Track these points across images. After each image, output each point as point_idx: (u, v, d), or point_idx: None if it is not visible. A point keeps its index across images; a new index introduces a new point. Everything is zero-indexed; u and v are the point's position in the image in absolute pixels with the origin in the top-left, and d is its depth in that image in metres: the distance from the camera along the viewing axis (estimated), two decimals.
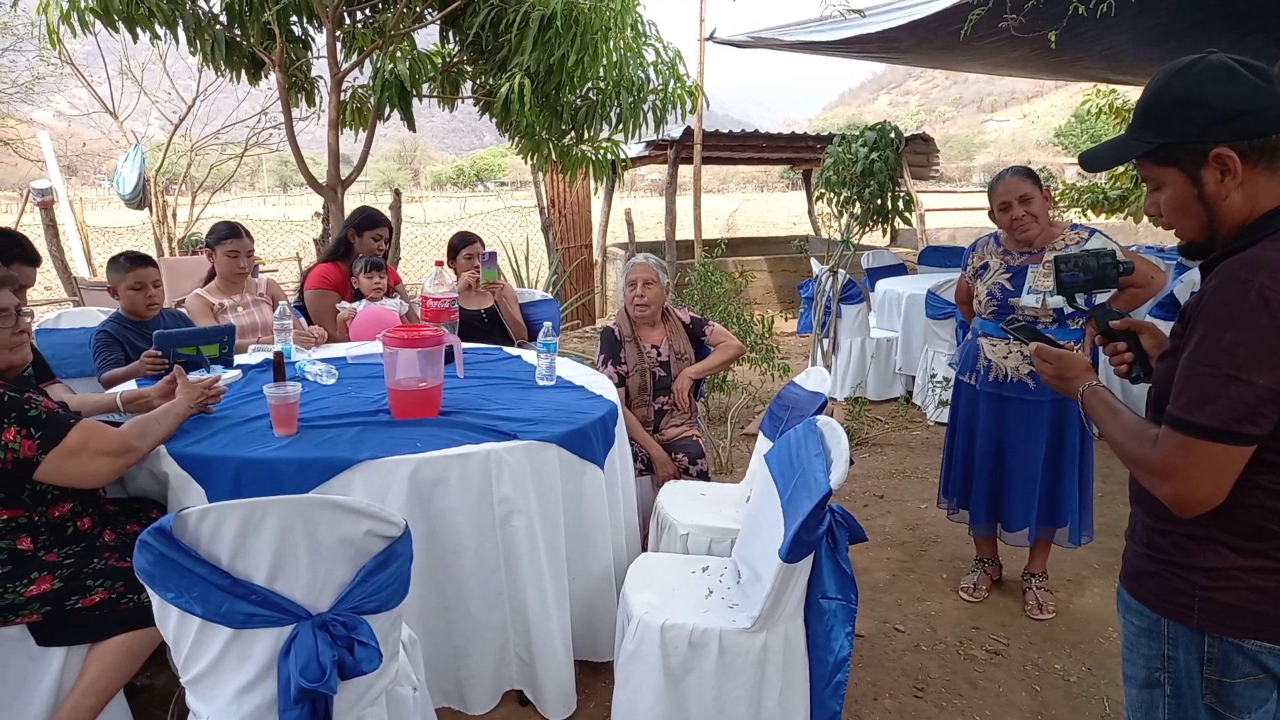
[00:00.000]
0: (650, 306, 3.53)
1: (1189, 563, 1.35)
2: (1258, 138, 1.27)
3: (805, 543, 2.05)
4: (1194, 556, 1.34)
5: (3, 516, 2.01)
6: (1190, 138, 1.31)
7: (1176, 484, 1.28)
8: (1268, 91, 1.27)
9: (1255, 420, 1.21)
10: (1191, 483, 1.26)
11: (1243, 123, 1.27)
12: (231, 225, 3.91)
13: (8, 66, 11.83)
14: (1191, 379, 1.25)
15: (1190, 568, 1.35)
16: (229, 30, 5.27)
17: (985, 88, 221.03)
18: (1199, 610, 1.33)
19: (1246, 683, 1.31)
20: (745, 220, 18.13)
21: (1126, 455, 1.39)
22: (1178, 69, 1.33)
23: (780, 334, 6.41)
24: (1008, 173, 3.03)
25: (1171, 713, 1.40)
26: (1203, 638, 1.33)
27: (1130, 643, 1.47)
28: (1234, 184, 1.30)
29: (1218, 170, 1.30)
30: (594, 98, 5.59)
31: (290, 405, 2.34)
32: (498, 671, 2.48)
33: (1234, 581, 1.30)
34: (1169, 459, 1.28)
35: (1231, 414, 1.21)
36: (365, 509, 1.67)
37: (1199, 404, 1.24)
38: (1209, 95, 1.29)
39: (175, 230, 9.16)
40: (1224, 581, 1.31)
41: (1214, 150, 1.29)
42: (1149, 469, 1.32)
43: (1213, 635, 1.32)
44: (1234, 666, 1.31)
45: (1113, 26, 5.66)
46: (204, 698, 1.75)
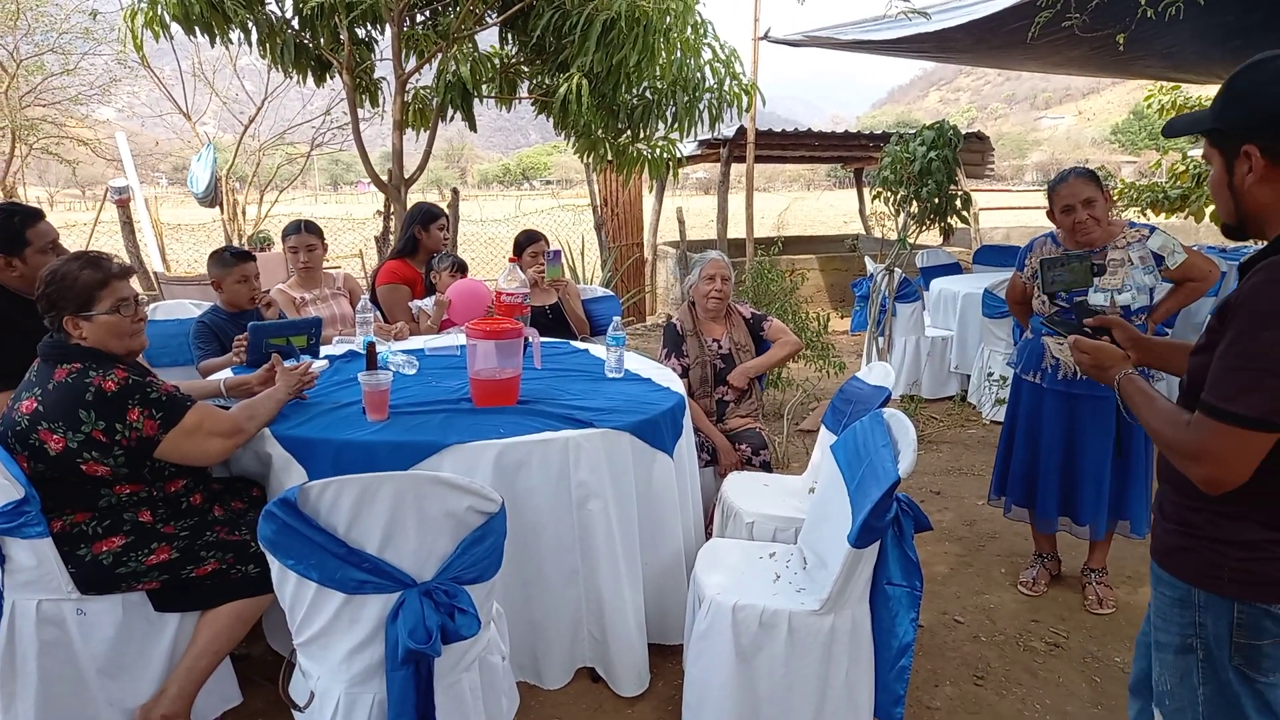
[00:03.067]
0: (725, 300, 3.65)
1: (1220, 536, 1.44)
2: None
3: (874, 529, 2.14)
4: (1225, 531, 1.44)
5: (126, 491, 2.18)
6: (1232, 128, 1.41)
7: (1210, 467, 1.37)
8: None
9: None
10: (1224, 465, 1.36)
11: (1276, 129, 1.35)
12: (295, 223, 4.07)
13: (86, 69, 12.36)
14: (1229, 370, 1.34)
15: (1221, 541, 1.44)
16: (299, 34, 5.48)
17: (1039, 84, 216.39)
18: (1229, 579, 1.43)
19: (1274, 644, 1.41)
20: (794, 219, 18.10)
21: (1161, 439, 1.49)
22: (1260, 61, 1.39)
23: (833, 332, 6.46)
24: (1070, 174, 3.05)
25: (1204, 676, 1.48)
26: (1233, 605, 1.43)
27: (1163, 612, 1.56)
28: (1255, 180, 1.39)
29: (1245, 164, 1.39)
30: (650, 97, 5.70)
31: (383, 392, 2.49)
32: (572, 648, 2.60)
33: (1264, 553, 1.40)
34: (1204, 443, 1.37)
35: (1266, 406, 1.30)
36: (468, 486, 1.79)
37: (1236, 394, 1.32)
38: (1261, 93, 1.37)
39: (245, 227, 9.49)
40: (1255, 553, 1.41)
41: (1244, 145, 1.38)
42: (1184, 452, 1.42)
43: (1243, 602, 1.42)
44: (1263, 630, 1.41)
45: (1175, 25, 5.60)
46: (316, 659, 1.90)
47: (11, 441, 2.08)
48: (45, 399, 2.07)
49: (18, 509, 2.03)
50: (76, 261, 2.19)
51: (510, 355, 2.73)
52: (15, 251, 2.63)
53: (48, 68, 11.99)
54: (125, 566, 2.14)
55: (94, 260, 2.22)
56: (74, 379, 2.09)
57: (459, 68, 5.35)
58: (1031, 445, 3.26)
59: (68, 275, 2.14)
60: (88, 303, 2.15)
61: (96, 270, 2.18)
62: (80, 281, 2.15)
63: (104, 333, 2.17)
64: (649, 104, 5.70)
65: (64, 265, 2.17)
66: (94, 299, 2.16)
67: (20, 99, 11.56)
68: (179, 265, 10.52)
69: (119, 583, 2.13)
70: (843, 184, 46.28)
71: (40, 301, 2.15)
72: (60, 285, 2.13)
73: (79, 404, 2.06)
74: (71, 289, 2.14)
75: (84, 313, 2.15)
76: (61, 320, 2.14)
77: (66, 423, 2.06)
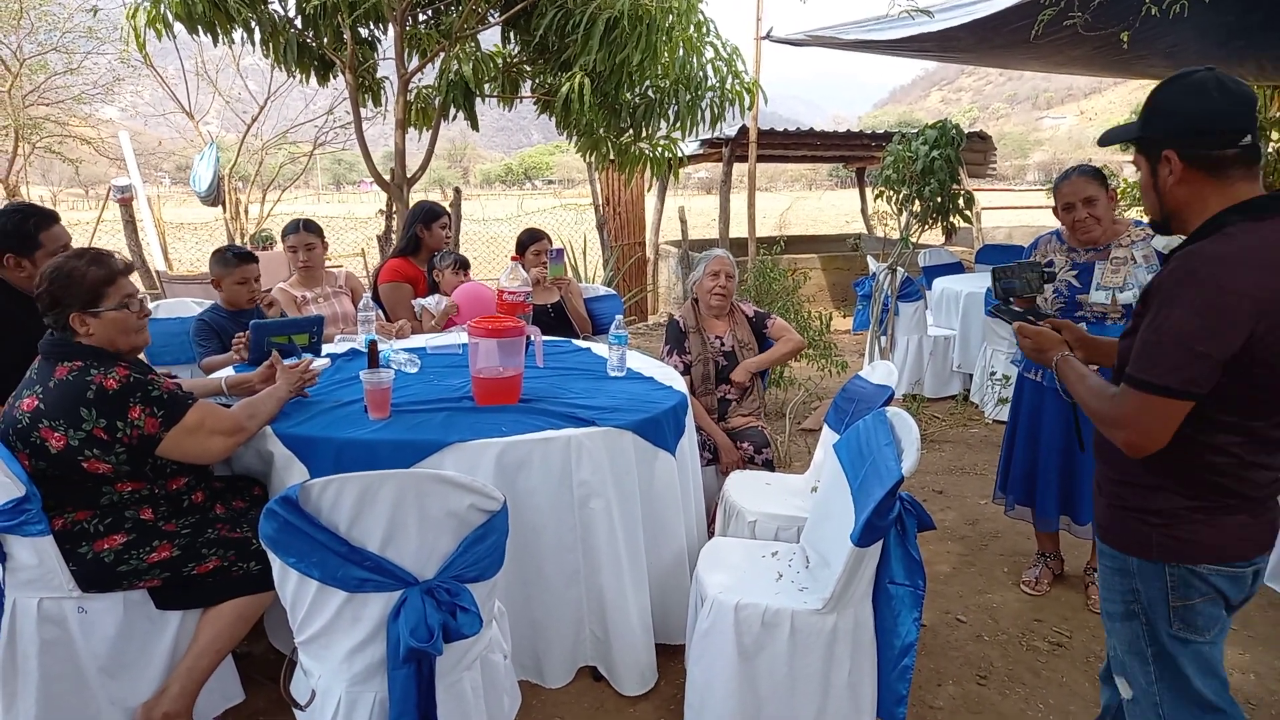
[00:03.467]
0: (729, 297, 3.65)
1: (1145, 507, 1.63)
2: (1198, 150, 1.54)
3: (877, 528, 2.13)
4: (1149, 501, 1.62)
5: (128, 488, 2.18)
6: (1154, 136, 1.60)
7: (1130, 432, 1.55)
8: (1227, 114, 1.51)
9: (1197, 381, 1.47)
10: (1142, 431, 1.54)
11: (1193, 136, 1.54)
12: (294, 222, 4.06)
13: (90, 68, 12.38)
14: (1147, 345, 1.52)
15: (1147, 510, 1.62)
16: (302, 34, 5.47)
17: (1041, 84, 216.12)
18: (1156, 546, 1.61)
19: (1204, 602, 1.59)
20: (795, 218, 18.09)
21: (1091, 410, 1.66)
22: (1175, 77, 1.58)
23: (835, 332, 6.45)
24: (1073, 172, 3.04)
25: (1149, 641, 1.65)
26: (1163, 569, 1.61)
27: (1107, 582, 1.74)
28: (1174, 181, 1.57)
29: (1165, 168, 1.58)
30: (653, 96, 5.69)
31: (384, 390, 2.49)
32: (573, 647, 2.60)
33: (1184, 520, 1.58)
34: (1125, 411, 1.55)
35: (1178, 375, 1.47)
36: (470, 484, 1.79)
37: (1151, 366, 1.50)
38: (1177, 106, 1.57)
39: (247, 226, 9.49)
40: (1176, 520, 1.59)
41: (1165, 151, 1.57)
42: (1109, 420, 1.60)
43: (1171, 565, 1.60)
44: (1192, 589, 1.59)
45: (1178, 24, 5.58)
46: (317, 658, 1.89)
47: (12, 439, 2.08)
48: (46, 397, 2.07)
49: (19, 507, 2.02)
50: (81, 258, 2.18)
51: (512, 354, 2.73)
52: (27, 252, 2.63)
53: (51, 67, 12.01)
54: (126, 564, 2.13)
55: (99, 257, 2.22)
56: (75, 377, 2.08)
57: (461, 67, 5.35)
58: (1032, 443, 3.26)
59: (74, 272, 2.14)
60: (95, 299, 2.15)
61: (103, 267, 2.18)
62: (88, 278, 2.14)
63: (111, 329, 2.17)
64: (651, 103, 5.69)
65: (68, 262, 2.16)
66: (101, 295, 2.16)
67: (24, 98, 11.57)
68: (181, 264, 10.54)
69: (120, 580, 2.13)
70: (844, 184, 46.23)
71: (42, 298, 2.13)
72: (67, 282, 2.12)
73: (80, 402, 2.06)
74: (79, 285, 2.13)
75: (91, 309, 2.14)
76: (67, 317, 2.13)
77: (68, 420, 2.05)
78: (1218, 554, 1.57)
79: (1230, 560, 1.58)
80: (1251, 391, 1.50)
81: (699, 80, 5.59)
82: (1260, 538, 1.60)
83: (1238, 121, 1.52)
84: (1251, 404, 1.51)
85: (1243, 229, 1.50)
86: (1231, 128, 1.52)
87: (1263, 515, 1.60)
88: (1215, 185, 1.55)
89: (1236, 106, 1.52)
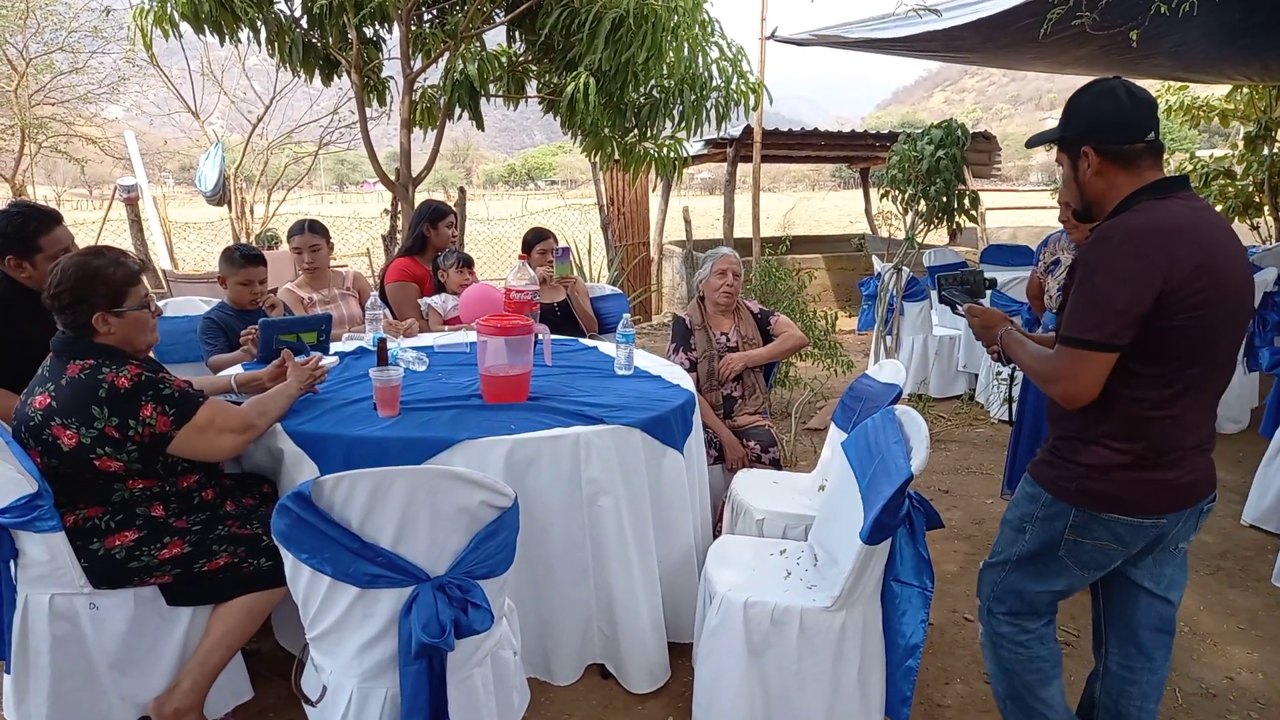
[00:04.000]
0: (735, 295, 3.67)
1: (1076, 459, 1.86)
2: (1111, 145, 1.79)
3: (886, 525, 2.13)
4: (1081, 455, 1.85)
5: (139, 485, 2.19)
6: (1074, 135, 1.85)
7: (1064, 384, 1.77)
8: (1131, 114, 1.78)
9: (1118, 334, 1.69)
10: (1075, 382, 1.75)
11: (1102, 133, 1.80)
12: (299, 222, 4.05)
13: (95, 68, 12.40)
14: (1074, 307, 1.75)
15: (1076, 462, 1.86)
16: (307, 33, 5.48)
17: (1044, 85, 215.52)
18: (1075, 491, 1.86)
19: (1093, 544, 1.88)
20: (799, 219, 18.06)
21: (1031, 371, 1.92)
22: (1089, 85, 1.85)
23: (840, 331, 6.45)
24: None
25: (1024, 549, 1.98)
26: (1071, 510, 1.88)
27: (1016, 501, 2.03)
28: (1092, 173, 1.83)
29: (1085, 162, 1.83)
30: (658, 95, 5.69)
31: (394, 388, 2.49)
32: (581, 645, 2.60)
33: (1106, 476, 1.82)
34: (1060, 367, 1.78)
35: (1101, 330, 1.70)
36: (481, 480, 1.79)
37: (1079, 324, 1.73)
38: (1089, 110, 1.83)
39: (253, 226, 9.50)
40: (1098, 475, 1.83)
41: (1084, 147, 1.82)
42: (1046, 376, 1.83)
43: (1080, 509, 1.86)
44: (1090, 532, 1.87)
45: (1185, 22, 5.58)
46: (328, 654, 1.90)
47: (24, 436, 2.09)
48: (59, 395, 2.08)
49: (31, 503, 2.03)
50: (101, 258, 2.18)
51: (521, 352, 2.73)
52: (27, 255, 2.64)
53: (56, 66, 12.03)
54: (138, 561, 2.14)
55: (120, 257, 2.23)
56: (87, 375, 2.09)
57: (466, 66, 5.35)
58: (1037, 441, 3.26)
59: (100, 271, 2.14)
60: (119, 299, 2.16)
61: (125, 267, 2.20)
62: (114, 277, 2.15)
63: (130, 329, 2.19)
64: (656, 103, 5.69)
65: (89, 261, 2.16)
66: (124, 295, 2.17)
67: (30, 97, 11.59)
68: (186, 264, 10.55)
69: (131, 577, 2.14)
70: (848, 184, 46.19)
71: (61, 296, 2.12)
72: (92, 281, 2.13)
73: (92, 400, 2.06)
74: (105, 285, 2.14)
75: (115, 309, 2.15)
76: (89, 316, 2.13)
77: (79, 419, 2.06)
78: (1123, 506, 1.82)
79: (1134, 513, 1.82)
80: (1162, 345, 1.72)
81: (704, 80, 5.59)
82: (1171, 498, 1.83)
83: (1144, 121, 1.78)
84: (1163, 356, 1.73)
85: (1149, 205, 1.75)
86: (1139, 126, 1.78)
87: (1185, 475, 1.82)
88: (1127, 175, 1.80)
89: (1141, 109, 1.79)
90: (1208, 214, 1.78)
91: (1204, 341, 1.73)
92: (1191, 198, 1.79)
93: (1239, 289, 1.77)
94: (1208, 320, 1.71)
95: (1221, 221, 1.80)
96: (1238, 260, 1.76)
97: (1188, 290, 1.67)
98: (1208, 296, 1.69)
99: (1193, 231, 1.70)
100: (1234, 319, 1.77)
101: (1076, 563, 1.92)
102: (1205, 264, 1.68)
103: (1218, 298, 1.70)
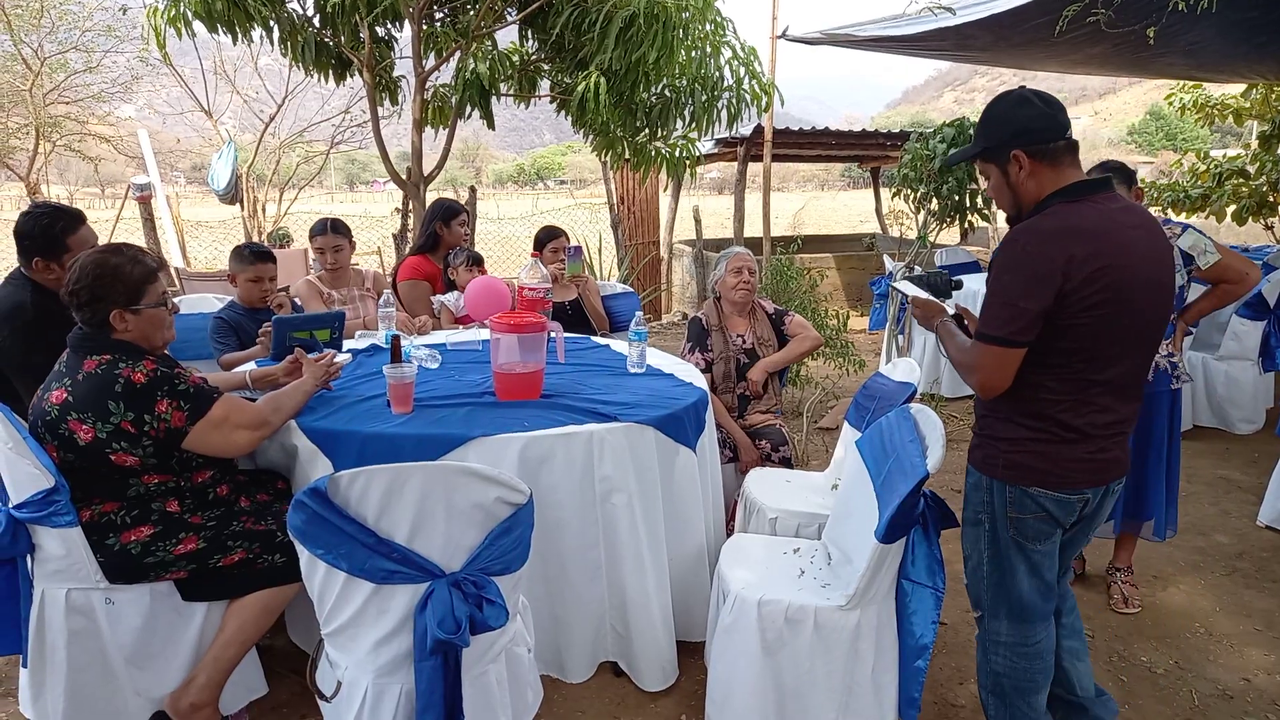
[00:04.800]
0: (752, 292, 3.67)
1: (996, 435, 2.00)
2: (1038, 145, 1.88)
3: (901, 524, 2.13)
4: (999, 431, 1.99)
5: (154, 481, 2.19)
6: (999, 144, 1.93)
7: (979, 375, 1.92)
8: (1047, 115, 1.89)
9: (1023, 331, 1.81)
10: (986, 374, 1.90)
11: (1029, 135, 1.89)
12: (321, 222, 4.05)
13: (109, 67, 12.47)
14: (987, 305, 1.88)
15: (997, 438, 2.00)
16: (320, 32, 5.50)
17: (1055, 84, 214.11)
18: (1002, 467, 1.99)
19: (1033, 519, 1.98)
20: (809, 218, 18.04)
21: (955, 362, 2.05)
22: (998, 98, 1.99)
23: (851, 330, 6.42)
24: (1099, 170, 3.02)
25: (988, 541, 2.07)
26: (1005, 487, 1.99)
27: (967, 495, 2.14)
28: (1025, 175, 1.91)
29: (1016, 166, 1.91)
30: (669, 95, 5.68)
31: (407, 385, 2.49)
32: (594, 643, 2.60)
33: (1022, 448, 1.95)
34: (974, 359, 1.92)
35: (1007, 327, 1.83)
36: (497, 477, 1.79)
37: (988, 321, 1.87)
38: (1009, 117, 1.93)
39: (264, 224, 9.54)
40: (1016, 448, 1.96)
41: (1013, 152, 1.91)
42: (964, 367, 1.98)
43: (1011, 485, 1.98)
44: (1025, 507, 1.97)
45: (1201, 21, 5.54)
46: (344, 649, 1.90)
47: (41, 431, 2.10)
48: (75, 390, 2.09)
49: (47, 498, 2.04)
50: (119, 255, 2.19)
51: (534, 349, 2.73)
52: (55, 256, 2.65)
53: (71, 65, 12.10)
54: (153, 556, 2.15)
55: (138, 255, 2.24)
56: (104, 370, 2.10)
57: (478, 66, 5.36)
58: None
59: (119, 268, 2.15)
60: (136, 296, 2.17)
61: (143, 264, 2.21)
62: (132, 275, 2.16)
63: (148, 325, 2.20)
64: (667, 102, 5.68)
65: (106, 258, 2.16)
66: (142, 292, 2.18)
67: (44, 96, 11.66)
68: (198, 262, 10.59)
69: (147, 572, 2.15)
70: (857, 184, 46.10)
71: (80, 294, 2.13)
72: (111, 278, 2.14)
73: (108, 395, 2.07)
74: (123, 282, 2.15)
75: (132, 306, 2.16)
76: (107, 313, 2.14)
77: (96, 414, 2.07)
78: (1043, 479, 1.93)
79: (1055, 487, 1.94)
80: (1066, 340, 1.82)
81: (715, 80, 5.58)
82: (1089, 473, 1.94)
83: (1060, 119, 1.91)
84: (1068, 351, 1.84)
85: (1060, 208, 1.85)
86: (1057, 124, 1.90)
87: (1097, 453, 1.93)
88: (1052, 173, 1.90)
89: (1056, 109, 1.91)
90: (1124, 216, 1.85)
91: (1105, 339, 1.83)
92: (1110, 199, 1.88)
93: (1146, 290, 1.84)
94: (1108, 319, 1.81)
95: (1141, 223, 1.87)
96: (1147, 262, 1.84)
97: (1087, 290, 1.77)
98: (1107, 296, 1.78)
99: (1098, 234, 1.80)
100: (1137, 318, 1.85)
101: (1026, 538, 2.01)
102: (1107, 265, 1.78)
103: (1118, 298, 1.79)
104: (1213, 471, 4.67)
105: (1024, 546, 2.01)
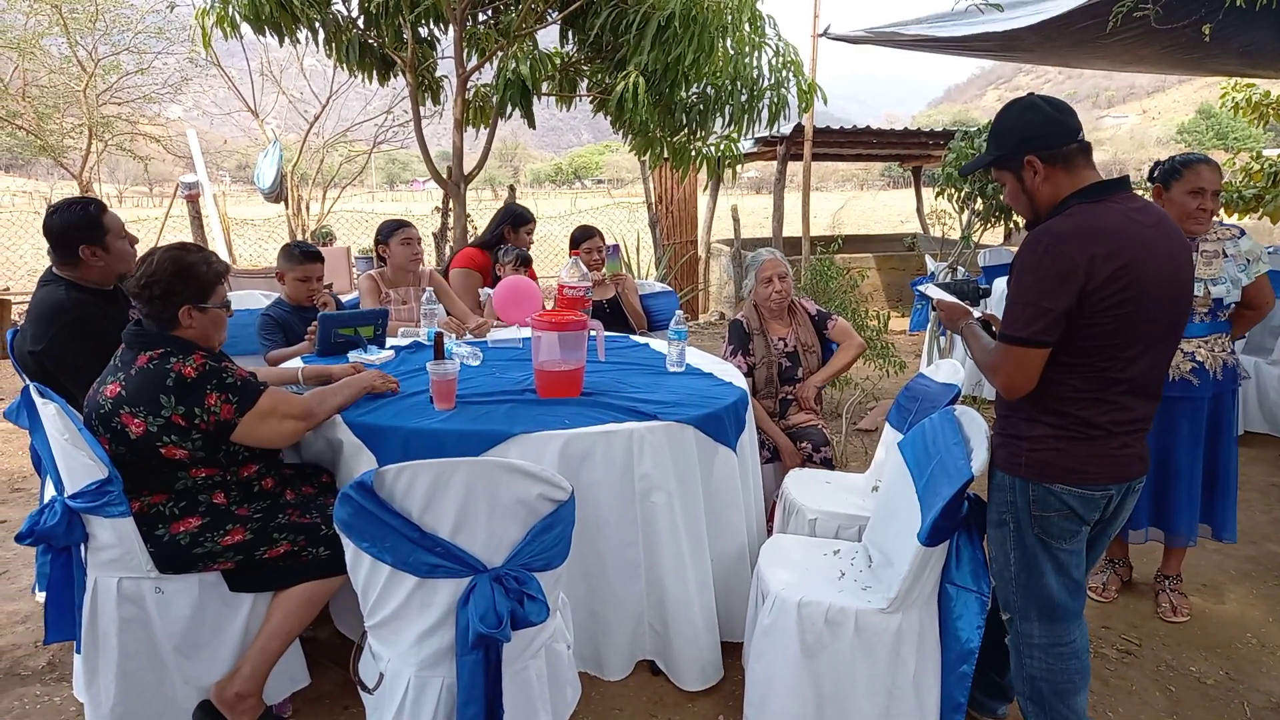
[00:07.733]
0: (787, 296, 3.63)
1: (1019, 434, 2.00)
2: (1050, 149, 1.91)
3: (945, 528, 2.10)
4: (1023, 430, 2.00)
5: (202, 474, 2.24)
6: (1012, 151, 1.96)
7: (1001, 377, 1.94)
8: (1056, 120, 1.92)
9: (1046, 331, 1.83)
10: (1009, 375, 1.92)
11: (1040, 141, 1.92)
12: (400, 219, 4.10)
13: (159, 68, 12.77)
14: (1009, 306, 1.90)
15: (1020, 437, 2.00)
16: (364, 33, 5.57)
17: (1101, 83, 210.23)
18: (1025, 465, 1.99)
19: (1057, 516, 1.98)
20: (849, 218, 17.88)
21: (980, 364, 2.06)
22: (1007, 107, 2.04)
23: (892, 332, 6.36)
24: (1204, 159, 2.87)
25: (1014, 542, 2.06)
26: (1028, 485, 1.99)
27: (992, 496, 2.12)
28: (1040, 180, 1.94)
29: (1031, 171, 1.94)
30: (710, 94, 5.66)
31: (450, 381, 2.52)
32: (632, 641, 2.60)
33: (1045, 445, 1.95)
34: (997, 360, 1.94)
35: (1030, 328, 1.84)
36: (540, 474, 1.80)
37: (1011, 323, 1.88)
38: (1020, 125, 1.96)
39: (308, 223, 9.69)
40: (1039, 445, 1.96)
41: (1026, 158, 1.93)
42: (988, 368, 1.99)
43: (1034, 483, 1.98)
44: (1048, 505, 1.97)
45: (1256, 21, 5.40)
46: (387, 642, 1.92)
47: (95, 424, 2.15)
48: (128, 384, 2.14)
49: (101, 488, 2.09)
50: (194, 254, 2.26)
51: (574, 347, 2.74)
52: (99, 240, 2.69)
53: (123, 67, 12.40)
54: (201, 547, 2.19)
55: (208, 256, 2.31)
56: (155, 365, 2.15)
57: (519, 66, 5.38)
58: None
59: (194, 266, 2.21)
60: (206, 295, 2.23)
61: (214, 266, 2.28)
62: (206, 275, 2.23)
63: (211, 325, 2.26)
64: (708, 101, 5.67)
65: (183, 255, 2.23)
66: (212, 292, 2.24)
67: (97, 98, 11.96)
68: (243, 259, 10.79)
69: (196, 562, 2.19)
70: (897, 183, 45.59)
71: (153, 287, 2.17)
72: (187, 274, 2.19)
73: (160, 389, 2.12)
74: (197, 280, 2.21)
75: (201, 304, 2.21)
76: (177, 309, 2.19)
77: (148, 407, 2.11)
78: (1067, 476, 1.94)
79: (1078, 483, 1.94)
80: (1088, 339, 1.84)
81: (755, 79, 5.55)
82: (1112, 469, 1.95)
83: (1070, 122, 1.93)
84: (1090, 350, 1.85)
85: (1080, 209, 1.88)
86: (1068, 127, 1.92)
87: (1119, 450, 1.94)
88: (1069, 176, 1.92)
89: (1065, 112, 1.94)
90: (1142, 215, 1.87)
91: (1126, 337, 1.85)
92: (1129, 199, 1.90)
93: (1165, 288, 1.86)
94: (1130, 317, 1.83)
95: (1158, 222, 1.88)
96: (1166, 260, 1.85)
97: (1109, 289, 1.79)
98: (1129, 295, 1.80)
99: (1117, 233, 1.82)
100: (1158, 317, 1.87)
101: (1051, 537, 2.00)
102: (1127, 264, 1.79)
103: (1139, 296, 1.81)
104: (1265, 479, 4.55)
105: (1049, 546, 2.01)
